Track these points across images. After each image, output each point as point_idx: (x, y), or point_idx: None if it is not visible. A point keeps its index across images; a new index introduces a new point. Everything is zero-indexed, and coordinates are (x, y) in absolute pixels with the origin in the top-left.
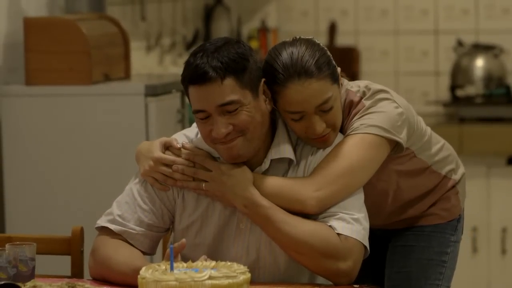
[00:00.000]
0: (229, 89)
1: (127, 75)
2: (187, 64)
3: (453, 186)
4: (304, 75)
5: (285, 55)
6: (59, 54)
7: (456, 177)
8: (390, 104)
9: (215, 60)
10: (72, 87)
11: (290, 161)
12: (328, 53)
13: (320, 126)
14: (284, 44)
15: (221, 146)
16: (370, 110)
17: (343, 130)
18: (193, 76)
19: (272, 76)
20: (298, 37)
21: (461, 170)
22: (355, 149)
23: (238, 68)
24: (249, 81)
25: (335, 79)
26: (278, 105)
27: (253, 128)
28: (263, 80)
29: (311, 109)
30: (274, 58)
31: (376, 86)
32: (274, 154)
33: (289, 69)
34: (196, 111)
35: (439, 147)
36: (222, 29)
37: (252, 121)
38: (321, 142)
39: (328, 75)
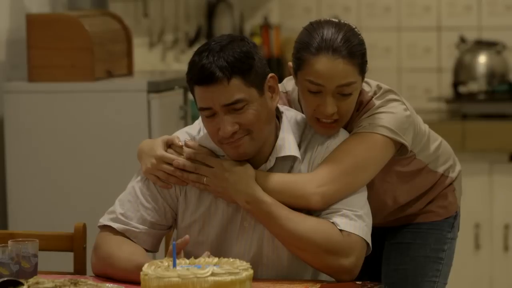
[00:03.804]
0: (235, 89)
1: (129, 72)
2: (193, 64)
3: (450, 184)
4: (337, 53)
5: (327, 30)
6: (62, 50)
7: (453, 174)
8: (400, 106)
9: (221, 59)
10: (74, 83)
11: (294, 158)
12: (365, 46)
13: (332, 107)
14: (329, 21)
15: (228, 146)
16: (379, 110)
17: (350, 126)
18: (200, 76)
19: (306, 43)
20: (344, 21)
21: (458, 167)
22: (362, 147)
23: (244, 68)
24: (255, 79)
25: (362, 72)
26: (300, 73)
27: (258, 127)
28: (269, 75)
29: (331, 87)
30: (315, 28)
31: (385, 86)
32: (279, 152)
33: (326, 41)
34: (202, 109)
35: (437, 145)
36: (224, 25)
37: (258, 120)
38: (325, 128)
39: (357, 64)
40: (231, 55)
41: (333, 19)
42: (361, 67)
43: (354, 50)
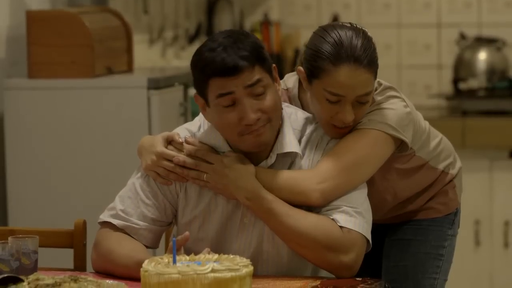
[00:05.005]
0: (256, 73)
1: (129, 68)
2: (210, 60)
3: (451, 180)
4: (358, 62)
5: (344, 37)
6: (62, 47)
7: (453, 171)
8: (400, 103)
9: (241, 51)
10: (74, 80)
11: (295, 154)
12: (376, 50)
13: (350, 116)
14: (343, 26)
15: (249, 135)
16: (380, 106)
17: None
18: (223, 69)
19: (323, 51)
20: (355, 24)
21: (458, 164)
22: (362, 144)
23: (261, 57)
24: (269, 67)
25: (376, 76)
26: (317, 82)
27: (277, 114)
28: (273, 65)
29: (352, 96)
30: (331, 35)
31: (386, 82)
32: (280, 148)
33: (346, 50)
34: (222, 95)
35: (437, 142)
36: (224, 22)
37: (276, 107)
38: (339, 132)
39: (374, 70)
40: (249, 45)
41: (345, 23)
42: (375, 72)
43: (372, 58)
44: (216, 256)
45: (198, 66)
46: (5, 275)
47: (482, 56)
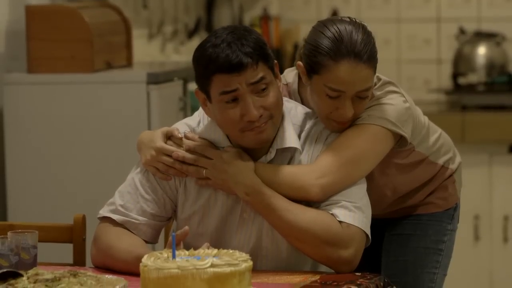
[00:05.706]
0: (260, 70)
1: (129, 63)
2: (214, 56)
3: (450, 175)
4: (359, 58)
5: (344, 32)
6: (61, 42)
7: (453, 166)
8: (399, 98)
9: (245, 47)
10: (74, 75)
11: (294, 149)
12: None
13: (350, 111)
14: (342, 21)
15: (251, 132)
16: (379, 101)
17: None
18: (228, 66)
19: (323, 47)
20: (354, 19)
21: (458, 159)
22: (361, 139)
23: (264, 53)
24: (271, 64)
25: (375, 71)
26: (317, 78)
27: (278, 111)
28: (275, 61)
29: (352, 92)
30: (331, 30)
31: (385, 77)
32: (279, 143)
33: (347, 46)
34: (226, 93)
35: (436, 137)
36: (224, 17)
37: (278, 104)
38: (339, 126)
39: (374, 66)
40: (252, 41)
41: (345, 18)
42: (375, 67)
43: (372, 53)
44: (215, 251)
45: (201, 62)
46: (5, 270)
47: (482, 50)
